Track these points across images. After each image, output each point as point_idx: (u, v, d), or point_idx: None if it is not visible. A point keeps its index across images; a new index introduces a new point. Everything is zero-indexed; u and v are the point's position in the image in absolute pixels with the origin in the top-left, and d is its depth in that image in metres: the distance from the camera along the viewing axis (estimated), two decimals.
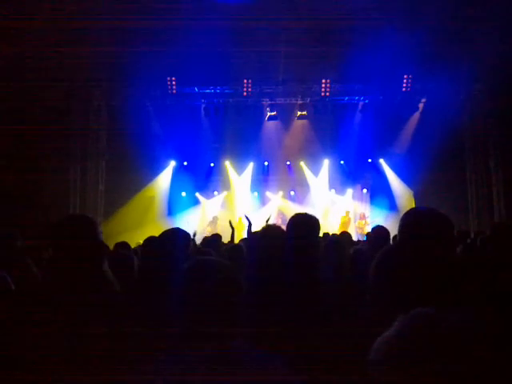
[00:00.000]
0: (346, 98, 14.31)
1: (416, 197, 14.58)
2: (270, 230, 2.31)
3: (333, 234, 6.53)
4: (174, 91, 13.36)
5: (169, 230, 2.81)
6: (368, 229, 13.09)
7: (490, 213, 13.42)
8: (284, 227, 2.46)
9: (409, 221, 1.74)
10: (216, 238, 6.09)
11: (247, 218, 3.42)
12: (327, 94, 13.54)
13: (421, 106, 14.12)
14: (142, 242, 3.68)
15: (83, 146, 13.76)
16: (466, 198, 14.26)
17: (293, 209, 14.62)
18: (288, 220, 2.42)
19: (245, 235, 9.32)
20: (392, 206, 14.73)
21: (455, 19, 10.29)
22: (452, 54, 11.11)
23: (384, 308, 1.59)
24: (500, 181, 13.31)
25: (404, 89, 13.31)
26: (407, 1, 10.40)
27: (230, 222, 5.68)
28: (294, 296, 2.06)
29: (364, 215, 14.45)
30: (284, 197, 15.50)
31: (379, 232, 3.70)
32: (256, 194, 15.49)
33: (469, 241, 3.63)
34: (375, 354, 1.15)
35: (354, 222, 14.63)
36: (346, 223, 14.04)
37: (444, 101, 13.07)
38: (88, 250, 1.99)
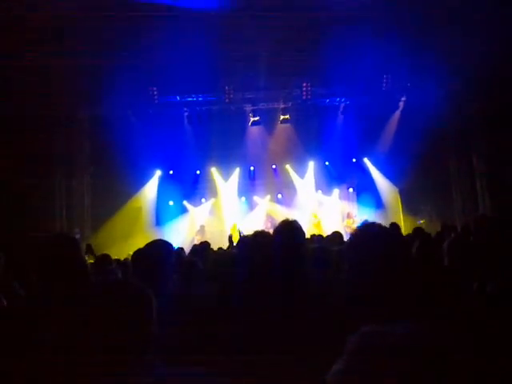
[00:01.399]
0: (328, 100, 14.46)
1: (401, 193, 14.75)
2: (259, 237, 2.35)
3: (319, 235, 6.57)
4: (156, 101, 13.36)
5: (152, 242, 2.73)
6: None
7: (475, 206, 13.58)
8: (272, 231, 2.50)
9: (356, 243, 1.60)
10: (204, 245, 6.13)
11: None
12: (308, 97, 13.67)
13: (401, 104, 14.31)
14: (131, 253, 3.68)
15: (67, 158, 13.63)
16: (451, 193, 14.44)
17: (281, 212, 14.71)
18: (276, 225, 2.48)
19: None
20: (378, 203, 14.88)
21: (432, 16, 10.40)
22: (429, 50, 11.23)
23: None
24: (483, 174, 13.45)
25: (384, 88, 13.48)
26: (384, 1, 10.49)
27: (230, 237, 5.68)
28: (284, 301, 2.10)
29: (351, 214, 14.55)
30: (272, 200, 15.56)
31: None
32: (243, 198, 15.51)
33: (453, 235, 3.70)
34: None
35: (342, 221, 14.73)
36: (317, 226, 14.01)
37: (424, 98, 13.23)
38: (72, 269, 2.08)
